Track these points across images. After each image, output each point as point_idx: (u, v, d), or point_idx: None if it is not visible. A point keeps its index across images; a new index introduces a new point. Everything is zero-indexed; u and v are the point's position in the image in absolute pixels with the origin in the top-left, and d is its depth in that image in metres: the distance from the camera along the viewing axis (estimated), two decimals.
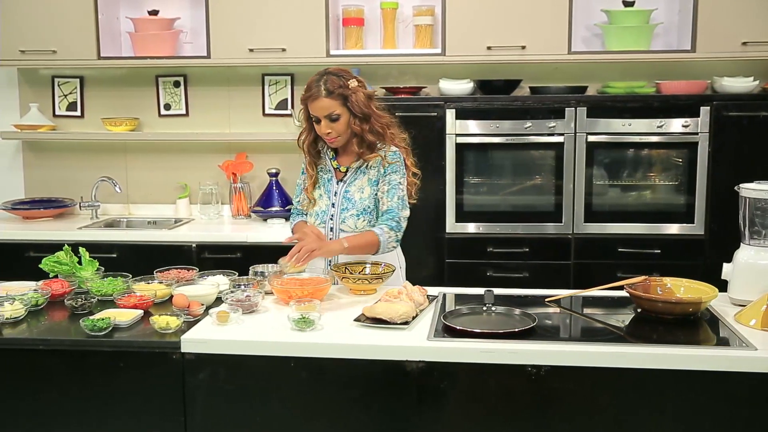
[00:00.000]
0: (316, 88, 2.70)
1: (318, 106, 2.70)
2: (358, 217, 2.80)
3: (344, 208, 2.81)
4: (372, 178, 2.82)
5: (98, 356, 2.25)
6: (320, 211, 2.84)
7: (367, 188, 2.81)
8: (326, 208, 2.83)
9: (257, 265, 2.79)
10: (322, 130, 2.75)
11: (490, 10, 3.92)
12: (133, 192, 4.58)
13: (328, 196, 2.84)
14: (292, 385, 2.20)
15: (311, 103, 2.71)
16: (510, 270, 3.92)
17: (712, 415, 2.08)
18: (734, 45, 3.81)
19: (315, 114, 2.73)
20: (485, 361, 2.11)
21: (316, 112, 2.72)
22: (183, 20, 4.36)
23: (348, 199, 2.81)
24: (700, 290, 2.41)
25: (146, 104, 4.50)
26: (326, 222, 2.83)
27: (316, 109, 2.71)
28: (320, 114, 2.71)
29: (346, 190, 2.82)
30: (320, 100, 2.69)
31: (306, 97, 2.72)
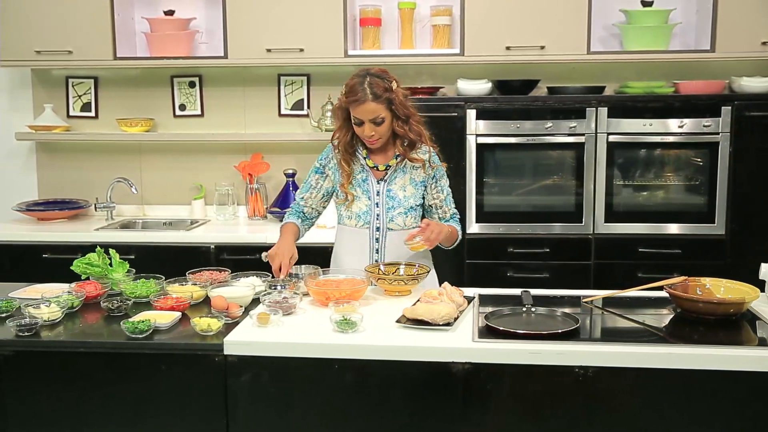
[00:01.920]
0: (362, 92, 2.65)
1: (364, 110, 2.66)
2: (406, 215, 2.81)
3: (390, 207, 2.80)
4: (416, 178, 2.83)
5: (139, 359, 2.23)
6: (362, 212, 2.81)
7: (409, 187, 2.82)
8: (368, 209, 2.81)
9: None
10: (366, 133, 2.71)
11: (508, 10, 3.92)
12: (148, 193, 4.55)
13: (368, 196, 2.81)
14: (337, 388, 2.19)
15: (357, 106, 2.66)
16: (530, 270, 3.92)
17: (759, 416, 2.07)
18: (754, 45, 3.82)
19: (359, 117, 2.68)
20: (532, 363, 2.10)
21: (361, 115, 2.68)
22: (198, 20, 4.34)
23: (392, 197, 2.80)
24: (741, 290, 2.41)
25: (161, 105, 4.48)
26: (371, 222, 2.81)
27: (362, 112, 2.67)
28: (365, 117, 2.68)
29: (389, 189, 2.81)
30: (367, 104, 2.65)
31: (351, 100, 2.66)
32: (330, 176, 2.86)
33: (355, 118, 2.70)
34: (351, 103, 2.67)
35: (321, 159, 2.88)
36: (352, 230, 2.83)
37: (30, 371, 2.28)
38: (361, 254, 2.82)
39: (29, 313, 2.35)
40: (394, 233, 2.81)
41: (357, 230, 2.82)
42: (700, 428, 2.10)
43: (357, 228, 2.82)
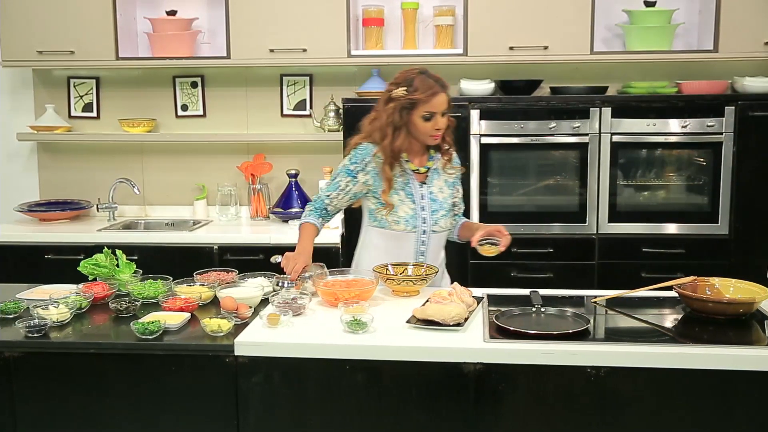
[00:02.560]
0: (435, 84, 2.66)
1: (439, 101, 2.66)
2: (446, 216, 2.82)
3: (434, 210, 2.79)
4: (449, 179, 2.85)
5: (150, 360, 2.23)
6: (408, 217, 2.75)
7: (445, 189, 2.83)
8: (414, 213, 2.76)
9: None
10: (439, 125, 2.69)
11: (511, 10, 3.92)
12: (150, 193, 4.54)
13: (412, 200, 2.76)
14: (348, 388, 2.18)
15: (432, 99, 2.64)
16: (534, 271, 3.92)
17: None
18: (757, 45, 3.84)
19: (433, 110, 2.65)
20: (544, 363, 2.10)
21: (435, 107, 2.66)
22: (201, 21, 4.33)
23: (434, 200, 2.80)
24: (750, 290, 2.41)
25: (163, 105, 4.47)
26: (418, 225, 2.77)
27: (436, 105, 2.66)
28: (439, 109, 2.67)
29: (431, 192, 2.80)
30: (441, 95, 2.66)
31: (429, 94, 2.64)
32: (363, 181, 2.76)
33: (427, 112, 2.66)
34: (429, 97, 2.64)
35: (355, 162, 2.76)
36: (397, 234, 2.77)
37: (39, 372, 2.27)
38: (406, 257, 2.78)
39: (38, 315, 2.34)
40: (437, 235, 2.81)
41: (403, 234, 2.77)
42: (712, 428, 2.10)
43: (404, 232, 2.76)
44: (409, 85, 2.66)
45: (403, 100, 2.66)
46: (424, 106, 2.65)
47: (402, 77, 2.70)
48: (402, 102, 2.66)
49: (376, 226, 2.80)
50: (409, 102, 2.66)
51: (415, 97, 2.65)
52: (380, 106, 2.75)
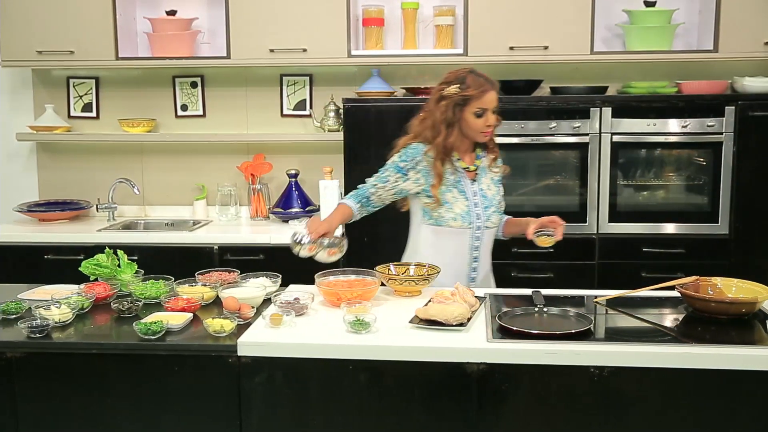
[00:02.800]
0: (485, 81, 2.74)
1: (490, 98, 2.74)
2: (496, 213, 2.88)
3: (486, 206, 2.85)
4: (494, 177, 2.92)
5: (152, 360, 2.22)
6: (463, 213, 2.80)
7: (492, 186, 2.90)
8: (468, 210, 2.81)
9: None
10: (490, 121, 2.76)
11: (511, 10, 3.92)
12: (150, 193, 4.54)
13: (465, 197, 2.81)
14: (351, 388, 2.18)
15: (483, 95, 2.71)
16: (535, 270, 3.92)
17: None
18: (757, 45, 3.84)
19: (484, 107, 2.73)
20: (548, 363, 2.10)
21: (486, 104, 2.73)
22: (201, 21, 4.33)
23: (484, 197, 2.85)
24: (752, 290, 2.42)
25: (163, 105, 4.47)
26: (473, 222, 2.82)
27: (487, 101, 2.73)
28: (490, 106, 2.74)
29: (481, 189, 2.85)
30: (492, 92, 2.74)
31: (480, 91, 2.71)
32: (414, 179, 2.79)
33: (479, 108, 2.72)
34: (481, 93, 2.71)
35: (405, 160, 2.80)
36: (454, 231, 2.80)
37: (41, 373, 2.27)
38: (461, 254, 2.84)
39: (40, 315, 2.34)
40: (489, 231, 2.87)
41: (460, 230, 2.80)
42: (715, 427, 2.10)
43: (461, 228, 2.80)
44: (462, 82, 2.73)
45: (456, 97, 2.72)
46: (477, 103, 2.72)
47: (453, 76, 2.77)
48: (455, 99, 2.72)
49: (432, 223, 2.83)
50: (462, 99, 2.72)
51: (468, 93, 2.71)
52: (431, 105, 2.81)
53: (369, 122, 3.90)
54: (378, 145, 3.88)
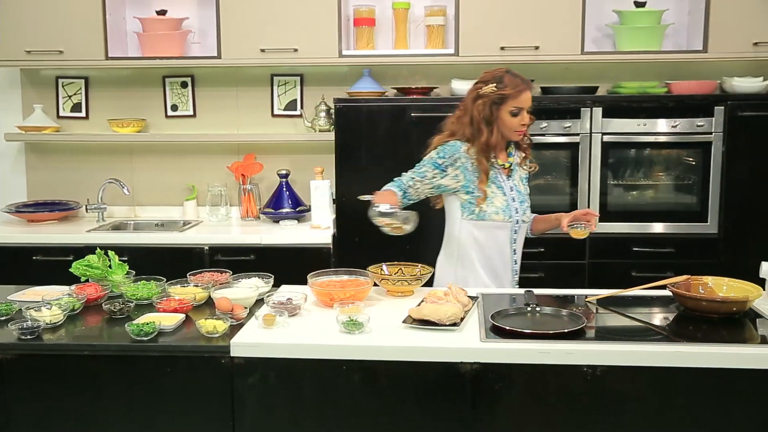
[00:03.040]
0: (522, 81, 2.80)
1: (527, 97, 2.80)
2: (528, 209, 2.97)
3: (521, 201, 2.92)
4: (523, 175, 2.99)
5: (145, 361, 2.21)
6: (504, 207, 2.85)
7: (522, 183, 2.97)
8: (507, 204, 2.86)
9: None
10: (524, 121, 2.82)
11: (503, 10, 3.93)
12: (139, 194, 4.52)
13: (503, 192, 2.86)
14: (344, 389, 2.18)
15: (520, 95, 2.77)
16: (525, 270, 3.86)
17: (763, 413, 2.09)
18: (746, 45, 3.86)
19: (521, 105, 2.78)
20: (541, 362, 2.11)
21: (522, 103, 2.79)
22: (191, 20, 4.31)
23: (519, 192, 2.92)
24: (743, 289, 2.43)
25: (153, 105, 4.45)
26: (512, 215, 2.87)
27: (524, 100, 2.79)
28: (526, 105, 2.80)
29: (515, 185, 2.91)
30: (527, 92, 2.80)
31: (518, 90, 2.77)
32: (453, 176, 2.82)
33: (515, 107, 2.78)
34: (517, 92, 2.77)
35: (444, 157, 2.81)
36: (496, 224, 2.86)
37: (33, 375, 2.25)
38: (504, 248, 2.90)
39: (30, 316, 2.32)
40: (525, 225, 2.95)
41: (501, 224, 2.86)
42: (708, 425, 2.11)
43: (503, 222, 2.86)
44: (499, 81, 2.78)
45: (493, 96, 2.77)
46: (513, 102, 2.77)
47: (490, 75, 2.82)
48: (492, 98, 2.77)
49: (473, 218, 2.85)
50: (499, 97, 2.77)
51: (505, 92, 2.76)
52: (468, 104, 2.85)
53: (360, 122, 3.90)
54: (369, 145, 3.91)
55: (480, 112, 2.79)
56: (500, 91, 2.76)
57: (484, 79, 2.84)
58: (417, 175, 2.85)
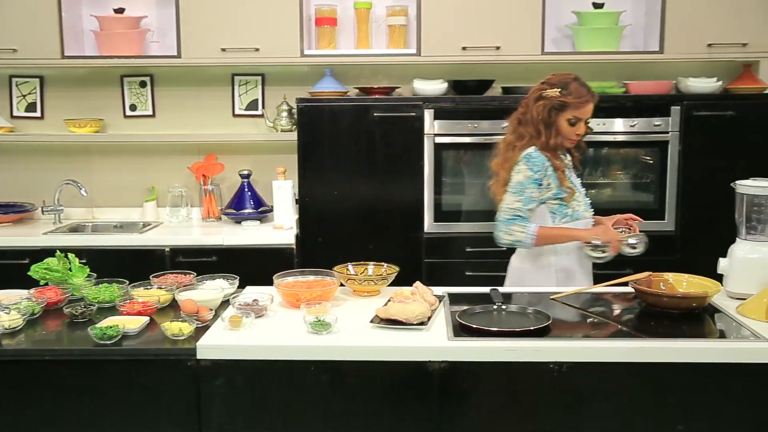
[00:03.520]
0: (589, 93, 2.81)
1: (588, 109, 2.82)
2: None
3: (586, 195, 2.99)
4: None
5: (109, 365, 2.18)
6: (585, 203, 2.92)
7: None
8: (585, 200, 2.92)
9: None
10: (580, 131, 2.85)
11: (464, 10, 3.95)
12: (97, 195, 4.44)
13: (576, 189, 2.91)
14: (313, 389, 2.17)
15: (582, 106, 2.80)
16: (488, 269, 3.94)
17: (728, 406, 2.14)
18: (700, 47, 3.94)
19: (581, 116, 2.81)
20: (508, 360, 2.13)
21: (583, 114, 2.82)
22: (150, 19, 4.25)
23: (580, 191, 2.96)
24: (702, 285, 2.49)
25: (111, 105, 4.38)
26: (588, 210, 2.94)
27: (585, 112, 2.82)
28: (585, 117, 2.83)
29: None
30: (590, 104, 2.82)
31: (583, 100, 2.79)
32: (545, 185, 2.83)
33: (574, 117, 2.80)
34: (581, 103, 2.78)
35: (537, 171, 2.81)
36: (587, 222, 2.91)
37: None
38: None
39: None
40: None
41: (589, 221, 2.91)
42: (670, 417, 2.15)
43: (590, 218, 2.91)
44: (565, 87, 2.79)
45: (554, 100, 2.79)
46: (573, 111, 2.79)
47: (558, 79, 2.83)
48: (553, 102, 2.79)
49: (567, 221, 2.87)
50: (560, 103, 2.79)
51: (568, 100, 2.78)
52: (529, 102, 2.88)
53: (323, 122, 3.89)
54: (332, 145, 3.90)
55: (539, 113, 2.81)
56: (563, 98, 2.78)
57: (550, 81, 2.84)
58: (527, 201, 2.80)
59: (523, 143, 2.85)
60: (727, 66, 4.15)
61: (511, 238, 2.79)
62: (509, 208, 2.81)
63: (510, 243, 2.82)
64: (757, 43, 3.93)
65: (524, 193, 2.80)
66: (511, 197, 2.82)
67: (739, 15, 3.91)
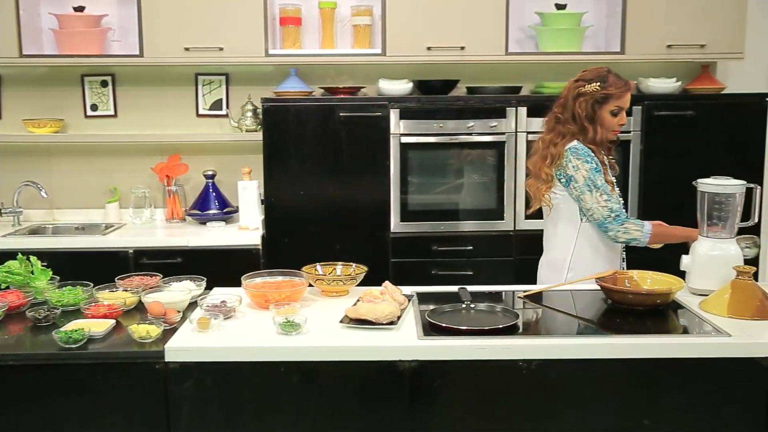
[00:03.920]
0: (625, 83, 2.85)
1: (628, 98, 2.88)
2: None
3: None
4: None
5: (75, 369, 2.14)
6: (620, 201, 2.88)
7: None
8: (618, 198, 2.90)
9: None
10: (623, 121, 2.89)
11: (429, 11, 3.96)
12: (58, 197, 4.36)
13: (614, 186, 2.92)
14: (283, 391, 2.16)
15: (624, 95, 2.85)
16: (454, 268, 3.98)
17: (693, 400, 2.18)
18: (660, 48, 4.01)
19: (622, 105, 2.86)
20: (478, 358, 2.14)
21: (624, 103, 2.87)
22: (111, 17, 4.18)
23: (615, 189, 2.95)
24: (666, 281, 2.53)
25: (71, 105, 4.31)
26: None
27: (626, 100, 2.87)
28: (626, 105, 2.87)
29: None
30: (629, 93, 2.87)
31: (623, 90, 2.84)
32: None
33: (617, 107, 2.85)
34: (621, 93, 2.84)
35: (591, 159, 2.83)
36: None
37: None
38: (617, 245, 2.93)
39: None
40: None
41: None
42: (637, 412, 2.18)
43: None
44: (603, 80, 2.84)
45: (596, 95, 2.83)
46: (615, 102, 2.83)
47: (593, 74, 2.88)
48: (595, 96, 2.83)
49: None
50: (602, 96, 2.83)
51: (609, 92, 2.82)
52: (568, 101, 2.90)
53: (288, 122, 3.87)
54: (298, 145, 3.89)
55: (583, 109, 2.84)
56: (604, 90, 2.83)
57: (586, 77, 2.88)
58: (605, 189, 2.81)
59: (565, 140, 2.88)
60: (686, 67, 4.23)
61: (627, 236, 2.81)
62: (603, 207, 2.80)
63: (626, 241, 2.83)
64: (714, 44, 4.02)
65: (599, 185, 2.81)
66: (593, 195, 2.80)
67: (698, 17, 3.99)
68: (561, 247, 2.95)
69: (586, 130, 2.85)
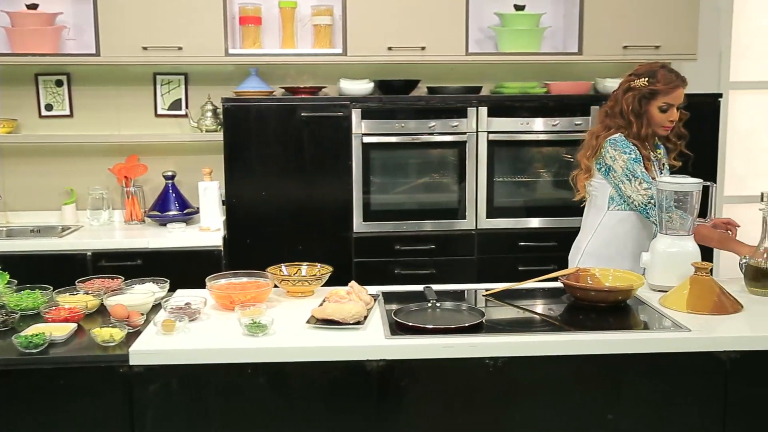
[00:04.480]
0: (678, 77, 2.86)
1: (679, 94, 2.87)
2: None
3: None
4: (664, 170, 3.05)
5: (36, 375, 2.09)
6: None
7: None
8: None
9: None
10: (673, 117, 2.88)
11: (389, 11, 3.98)
12: (12, 199, 4.26)
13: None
14: (251, 392, 2.15)
15: (673, 91, 2.85)
16: (417, 267, 4.00)
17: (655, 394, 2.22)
18: (616, 48, 4.09)
19: (672, 102, 2.86)
20: (445, 356, 2.16)
21: (675, 99, 2.86)
22: (66, 15, 4.10)
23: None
24: (627, 278, 2.58)
25: (25, 104, 4.22)
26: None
27: (677, 97, 2.86)
28: (677, 102, 2.87)
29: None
30: (680, 89, 2.87)
31: (673, 86, 2.84)
32: None
33: (665, 103, 2.85)
34: (670, 89, 2.84)
35: (630, 150, 2.86)
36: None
37: None
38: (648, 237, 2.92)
39: None
40: None
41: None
42: (602, 406, 2.22)
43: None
44: (652, 76, 2.86)
45: (644, 90, 2.86)
46: (663, 98, 2.84)
47: (644, 69, 2.91)
48: (642, 91, 2.86)
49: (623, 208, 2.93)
50: (650, 92, 2.85)
51: (656, 87, 2.84)
52: (618, 95, 2.95)
53: (249, 122, 3.85)
54: (259, 145, 3.87)
55: (629, 104, 2.87)
56: (651, 86, 2.85)
57: (637, 72, 2.91)
58: (647, 179, 2.83)
59: (609, 133, 2.92)
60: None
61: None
62: (644, 195, 2.83)
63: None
64: (668, 45, 4.11)
65: (638, 174, 2.84)
66: (632, 184, 2.84)
67: (653, 18, 4.08)
68: (584, 232, 3.08)
69: (631, 124, 2.89)
